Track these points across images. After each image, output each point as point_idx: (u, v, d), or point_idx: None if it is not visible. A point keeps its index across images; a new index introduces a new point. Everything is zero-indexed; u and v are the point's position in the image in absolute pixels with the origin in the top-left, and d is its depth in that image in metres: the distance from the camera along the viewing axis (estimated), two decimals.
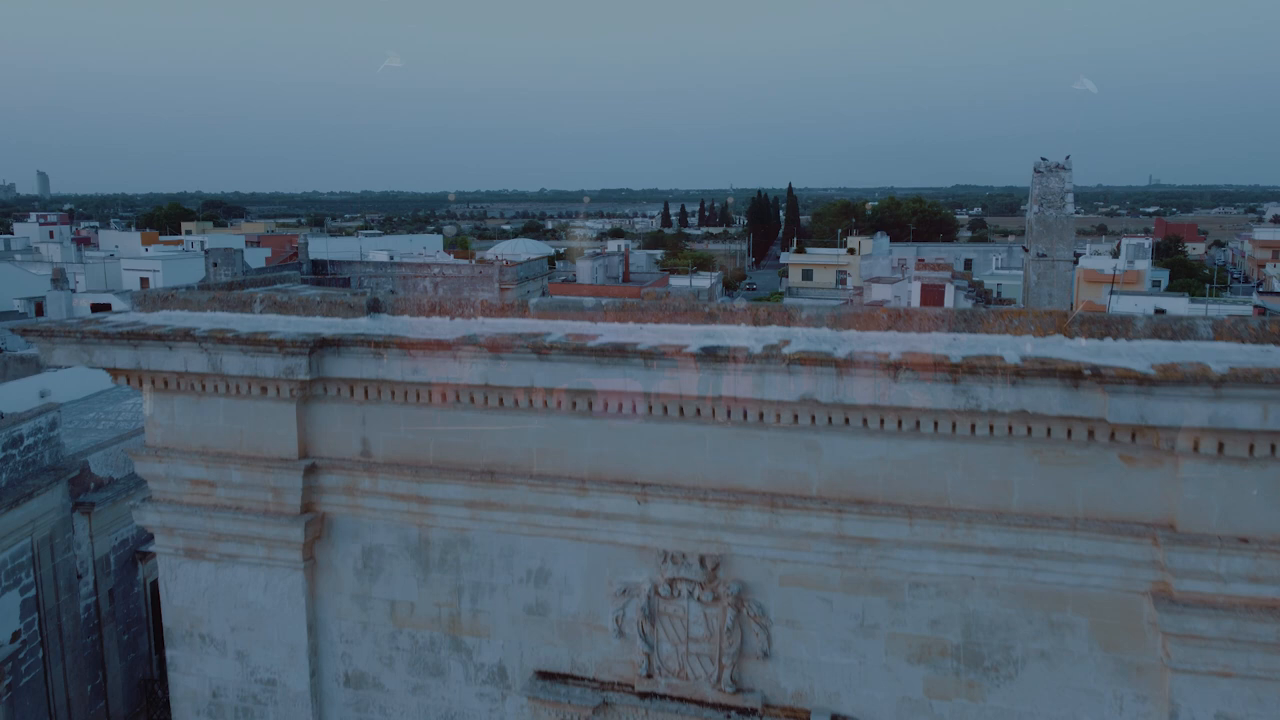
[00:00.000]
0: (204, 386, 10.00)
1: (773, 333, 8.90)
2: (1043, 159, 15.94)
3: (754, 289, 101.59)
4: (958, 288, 17.36)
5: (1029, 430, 8.06)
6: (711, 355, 8.31)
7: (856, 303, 50.07)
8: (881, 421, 8.35)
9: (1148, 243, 72.18)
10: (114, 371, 10.21)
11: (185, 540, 10.50)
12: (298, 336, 9.23)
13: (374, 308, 10.01)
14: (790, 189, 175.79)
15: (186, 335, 9.45)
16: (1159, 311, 56.28)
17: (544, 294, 49.43)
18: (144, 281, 60.78)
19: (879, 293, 46.30)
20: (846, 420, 8.46)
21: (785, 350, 8.23)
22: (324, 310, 9.90)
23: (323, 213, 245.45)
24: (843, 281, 66.42)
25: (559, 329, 9.26)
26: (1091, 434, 7.95)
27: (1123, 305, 51.82)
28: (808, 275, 68.53)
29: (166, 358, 9.75)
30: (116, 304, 24.47)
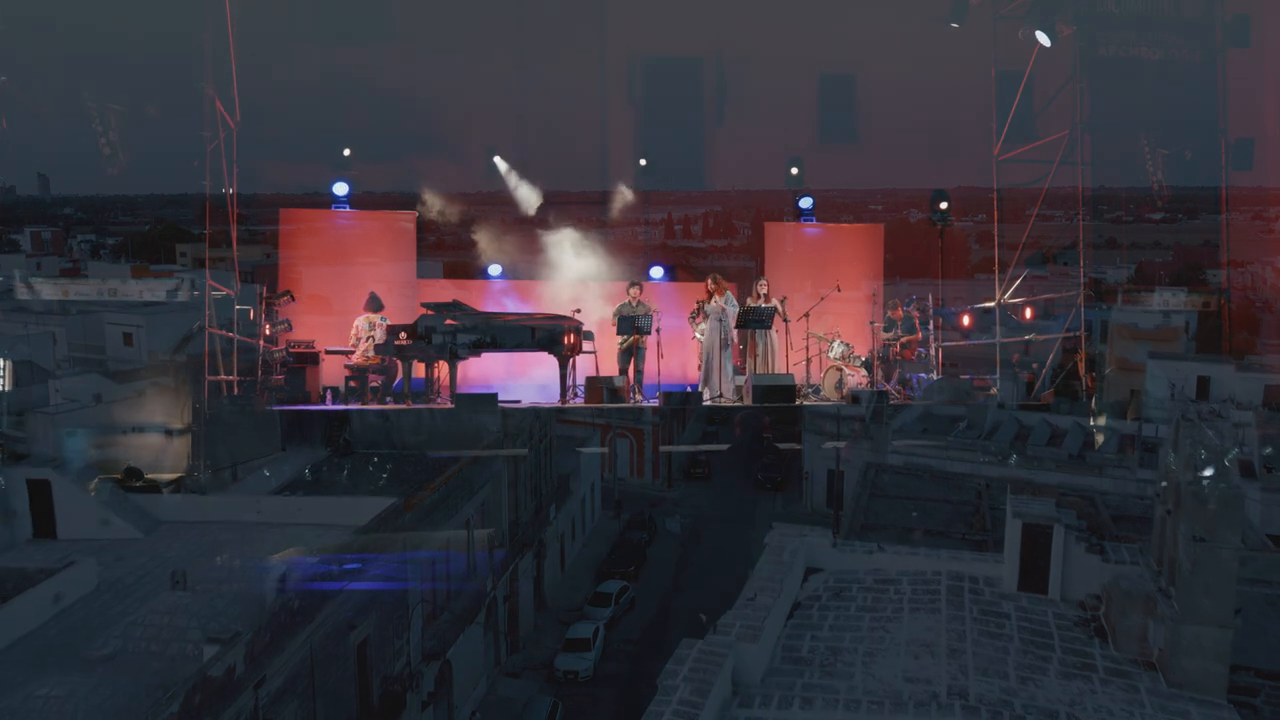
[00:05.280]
0: None
1: None
2: (1191, 400, 12.91)
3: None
4: (1068, 527, 14.20)
5: None
6: None
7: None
8: None
9: (1183, 293, 68.77)
10: None
11: None
12: None
13: None
14: (796, 202, 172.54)
15: None
16: (1202, 380, 53.03)
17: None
18: (127, 338, 57.59)
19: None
20: None
21: None
22: None
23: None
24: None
25: None
26: None
27: (1162, 371, 48.65)
28: None
29: None
30: (57, 481, 21.44)
